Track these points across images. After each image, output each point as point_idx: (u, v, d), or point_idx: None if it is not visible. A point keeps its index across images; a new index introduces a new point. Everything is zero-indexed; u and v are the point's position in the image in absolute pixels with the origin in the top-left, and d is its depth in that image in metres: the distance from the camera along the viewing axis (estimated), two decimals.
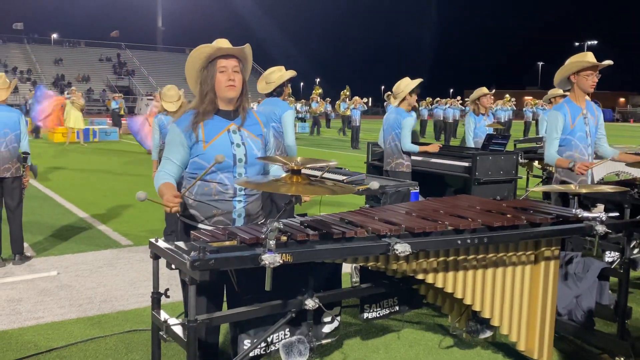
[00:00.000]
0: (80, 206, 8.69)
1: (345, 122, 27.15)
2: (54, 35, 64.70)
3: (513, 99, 28.66)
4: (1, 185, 5.60)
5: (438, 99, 26.44)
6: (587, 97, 4.58)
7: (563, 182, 4.52)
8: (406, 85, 6.12)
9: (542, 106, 24.47)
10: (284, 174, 2.47)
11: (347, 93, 25.58)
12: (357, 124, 21.77)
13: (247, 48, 2.76)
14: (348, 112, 25.47)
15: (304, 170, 2.36)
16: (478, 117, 6.97)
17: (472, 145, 6.83)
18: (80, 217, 7.92)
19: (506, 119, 26.24)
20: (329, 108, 32.03)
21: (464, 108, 26.91)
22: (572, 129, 4.44)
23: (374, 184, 3.10)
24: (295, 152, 5.35)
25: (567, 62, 4.47)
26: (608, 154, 4.66)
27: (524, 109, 28.61)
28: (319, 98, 27.63)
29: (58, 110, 16.00)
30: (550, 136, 4.51)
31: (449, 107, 25.04)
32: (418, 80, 6.16)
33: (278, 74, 5.34)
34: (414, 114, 6.35)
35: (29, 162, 5.73)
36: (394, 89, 6.25)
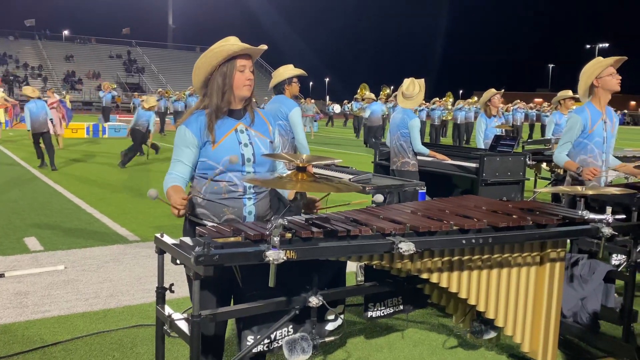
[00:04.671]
0: (89, 202, 8.74)
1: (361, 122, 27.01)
2: (65, 32, 65.02)
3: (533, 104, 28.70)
4: None
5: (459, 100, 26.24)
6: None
7: (576, 181, 4.50)
8: (420, 88, 6.19)
9: (547, 110, 24.34)
10: (287, 172, 2.47)
11: (364, 92, 25.15)
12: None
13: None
14: (361, 113, 25.29)
15: (329, 172, 2.37)
16: (490, 118, 6.96)
17: (483, 146, 6.82)
18: (88, 213, 7.97)
19: (520, 122, 25.99)
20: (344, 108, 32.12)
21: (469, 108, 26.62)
22: (591, 134, 4.40)
23: (379, 197, 3.13)
24: (307, 150, 5.35)
25: (585, 70, 4.40)
26: (610, 164, 4.65)
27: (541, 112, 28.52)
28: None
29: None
30: (565, 137, 4.48)
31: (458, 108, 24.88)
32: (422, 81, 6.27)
33: (281, 71, 5.37)
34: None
35: None
36: (405, 90, 6.25)
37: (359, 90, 23.71)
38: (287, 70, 5.37)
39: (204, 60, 2.70)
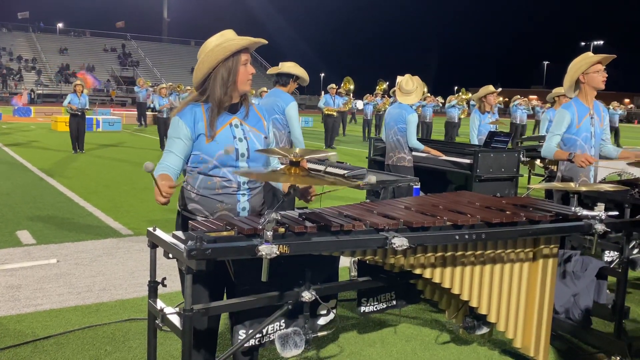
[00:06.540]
0: (82, 195, 8.71)
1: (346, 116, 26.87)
2: (60, 25, 64.57)
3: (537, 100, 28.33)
4: None
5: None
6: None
7: (565, 179, 4.51)
8: (418, 85, 6.21)
9: (540, 106, 24.14)
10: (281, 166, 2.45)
11: (350, 87, 24.99)
12: (369, 118, 22.04)
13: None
14: (345, 108, 25.32)
15: (311, 166, 2.35)
16: (483, 114, 6.98)
17: (476, 142, 6.84)
18: (82, 206, 7.94)
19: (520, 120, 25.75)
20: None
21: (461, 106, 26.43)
22: (578, 129, 4.42)
23: (372, 178, 3.10)
24: (303, 145, 5.35)
25: (572, 65, 4.43)
26: (612, 153, 4.65)
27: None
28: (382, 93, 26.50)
29: None
30: (553, 131, 4.49)
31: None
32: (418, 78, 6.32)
33: (290, 65, 5.38)
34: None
35: None
36: (404, 85, 6.25)
37: (342, 84, 23.57)
38: (297, 68, 5.37)
39: (210, 55, 2.63)
